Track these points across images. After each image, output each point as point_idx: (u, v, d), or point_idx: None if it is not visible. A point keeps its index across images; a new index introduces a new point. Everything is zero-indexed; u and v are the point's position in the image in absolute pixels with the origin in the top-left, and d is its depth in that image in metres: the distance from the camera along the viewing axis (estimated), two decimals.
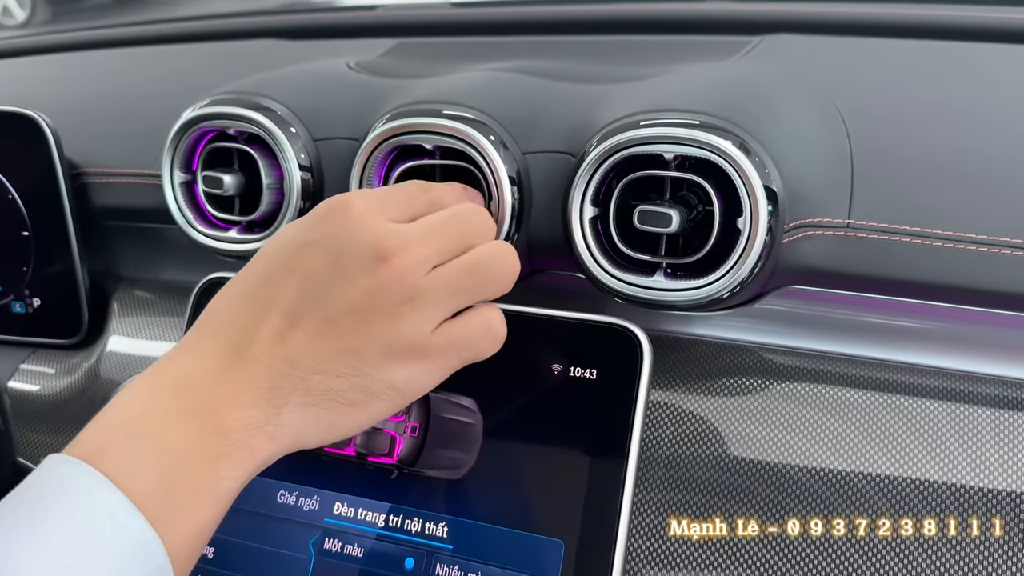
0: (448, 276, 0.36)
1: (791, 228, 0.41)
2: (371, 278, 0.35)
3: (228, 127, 0.50)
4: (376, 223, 0.36)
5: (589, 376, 0.42)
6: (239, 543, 0.45)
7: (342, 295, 0.35)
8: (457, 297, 0.36)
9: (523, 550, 0.40)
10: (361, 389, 0.35)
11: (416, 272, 0.35)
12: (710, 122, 0.40)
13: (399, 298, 0.35)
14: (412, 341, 0.35)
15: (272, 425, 0.34)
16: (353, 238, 0.35)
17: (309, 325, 0.35)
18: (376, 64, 0.59)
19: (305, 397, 0.34)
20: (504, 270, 0.38)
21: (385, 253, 0.35)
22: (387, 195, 0.38)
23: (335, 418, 0.35)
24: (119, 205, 0.58)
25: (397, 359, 0.35)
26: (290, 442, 0.35)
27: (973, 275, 0.40)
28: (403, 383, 0.36)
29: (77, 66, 0.78)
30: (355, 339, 0.35)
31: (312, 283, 0.35)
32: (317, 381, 0.34)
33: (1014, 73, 0.52)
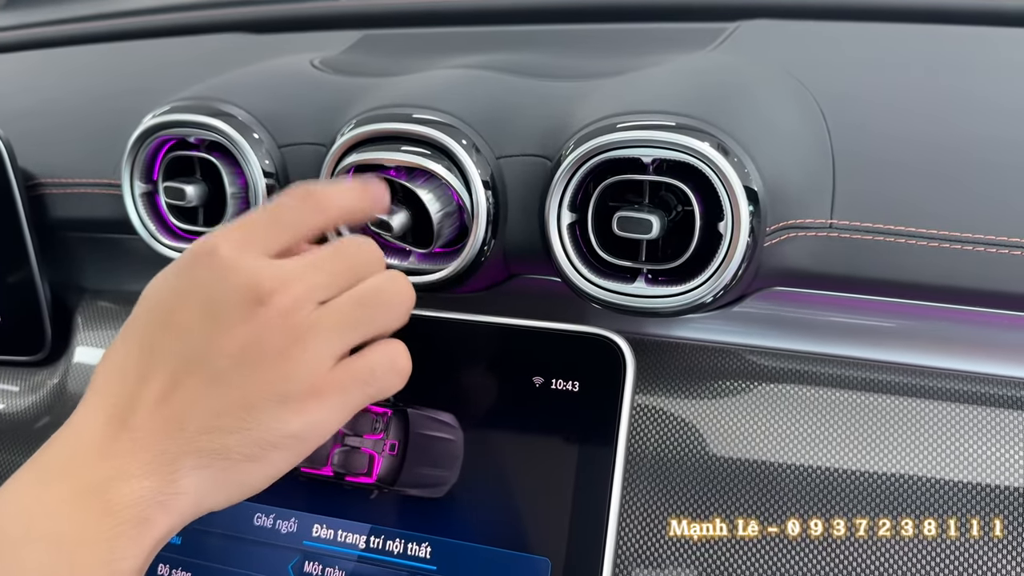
0: (338, 309, 0.34)
1: (773, 231, 0.40)
2: (250, 324, 0.33)
3: (188, 135, 0.48)
4: (246, 262, 0.33)
5: (572, 388, 0.41)
6: (216, 568, 0.44)
7: (222, 347, 0.32)
8: (351, 331, 0.34)
9: (509, 569, 0.39)
10: (257, 443, 0.32)
11: (300, 310, 0.33)
12: (686, 123, 0.39)
13: (286, 340, 0.33)
14: (308, 383, 0.33)
15: (166, 495, 0.32)
16: (224, 283, 0.33)
17: (193, 383, 0.32)
18: (342, 61, 0.57)
19: (198, 459, 0.32)
20: (399, 299, 0.36)
21: (260, 295, 0.33)
22: (256, 225, 0.35)
23: (234, 477, 0.33)
24: (78, 216, 0.56)
25: (295, 405, 0.33)
26: (191, 510, 0.33)
27: (957, 274, 0.40)
28: (303, 430, 0.33)
29: (29, 66, 0.75)
30: (245, 391, 0.32)
31: (190, 338, 0.33)
32: (208, 440, 0.32)
33: (1003, 58, 0.51)
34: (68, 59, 0.74)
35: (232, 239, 0.35)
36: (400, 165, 0.42)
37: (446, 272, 0.43)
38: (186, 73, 0.59)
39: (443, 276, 0.43)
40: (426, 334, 0.44)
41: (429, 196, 0.42)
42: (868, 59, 0.53)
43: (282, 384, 0.33)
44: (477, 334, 0.43)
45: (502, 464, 0.41)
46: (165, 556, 0.45)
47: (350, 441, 0.43)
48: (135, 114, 0.50)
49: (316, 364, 0.33)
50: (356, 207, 0.39)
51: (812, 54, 0.54)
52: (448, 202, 0.43)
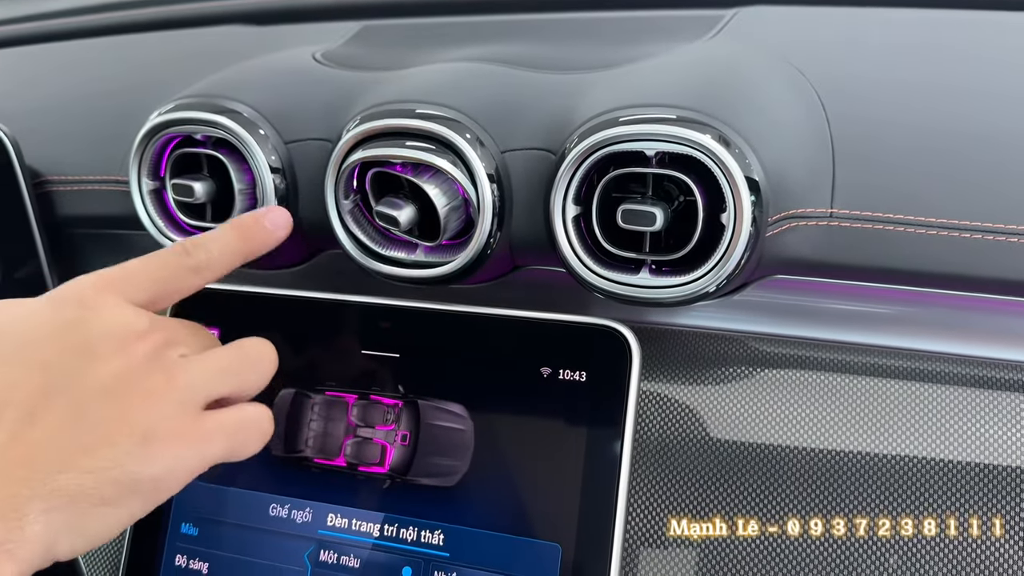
0: (213, 357, 0.35)
1: (775, 221, 0.41)
2: (125, 357, 0.32)
3: (194, 132, 0.48)
4: (121, 307, 0.34)
5: (579, 378, 0.41)
6: (233, 558, 0.45)
7: (92, 378, 0.32)
8: (222, 380, 0.34)
9: (520, 555, 0.40)
10: (115, 484, 0.31)
11: (173, 351, 0.34)
12: (688, 116, 0.40)
13: (157, 378, 0.33)
14: (173, 425, 0.32)
15: (13, 542, 0.29)
16: (98, 319, 0.33)
17: (52, 419, 0.31)
18: (344, 55, 0.57)
19: (49, 502, 0.30)
20: (266, 359, 0.36)
21: (138, 332, 0.33)
22: (131, 273, 0.36)
23: (86, 521, 0.31)
24: (86, 213, 0.57)
25: (158, 446, 0.32)
26: (39, 557, 0.30)
27: (956, 262, 0.40)
28: (162, 472, 0.32)
29: (32, 62, 0.75)
30: (108, 428, 0.31)
31: (55, 371, 0.32)
32: (63, 481, 0.30)
33: (1004, 44, 0.52)
34: (69, 54, 0.74)
35: (97, 285, 0.35)
36: (406, 160, 0.43)
37: (453, 265, 0.44)
38: (189, 67, 0.59)
39: (450, 269, 0.44)
40: (435, 327, 0.45)
41: (435, 191, 0.43)
42: (867, 46, 0.53)
43: (145, 422, 0.32)
44: (485, 326, 0.44)
45: (512, 453, 0.42)
46: (182, 547, 0.46)
47: (362, 432, 0.44)
48: (140, 111, 0.50)
49: (183, 406, 0.33)
50: (238, 257, 0.39)
51: (810, 41, 0.54)
52: (454, 196, 0.43)
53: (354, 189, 0.45)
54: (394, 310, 0.46)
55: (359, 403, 0.45)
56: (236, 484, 0.46)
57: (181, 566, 0.46)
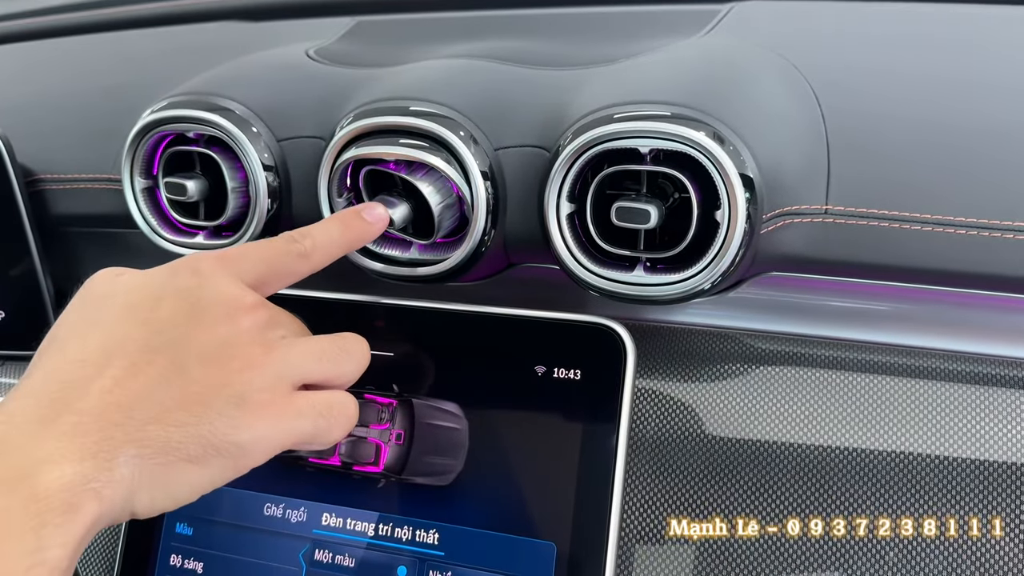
0: (313, 342, 0.36)
1: (770, 217, 0.41)
2: (231, 325, 0.34)
3: (187, 130, 0.48)
4: (232, 282, 0.35)
5: (573, 376, 0.41)
6: (227, 557, 0.45)
7: (197, 340, 0.33)
8: (317, 363, 0.36)
9: (515, 554, 0.40)
10: (202, 442, 0.32)
11: (275, 330, 0.35)
12: (682, 113, 0.40)
13: (258, 349, 0.34)
14: (266, 395, 0.33)
15: (100, 482, 0.30)
16: (210, 290, 0.35)
17: (153, 372, 0.33)
18: (337, 51, 0.57)
19: (140, 449, 0.31)
20: (361, 353, 0.38)
21: (246, 305, 0.35)
22: (245, 253, 0.38)
23: (171, 475, 0.32)
24: (79, 212, 0.56)
25: (249, 412, 0.33)
26: (120, 503, 0.31)
27: (951, 258, 0.40)
28: (250, 440, 0.33)
29: (24, 59, 0.75)
30: (205, 388, 0.33)
31: (164, 328, 0.34)
32: (155, 431, 0.32)
33: (999, 37, 0.52)
34: (62, 51, 0.74)
35: (212, 258, 0.37)
36: (399, 158, 0.43)
37: (447, 263, 0.44)
38: (182, 64, 0.59)
39: (444, 267, 0.44)
40: (430, 325, 0.45)
41: (429, 189, 0.43)
42: (861, 40, 0.53)
43: (242, 387, 0.33)
44: (479, 325, 0.44)
45: (507, 451, 0.42)
46: (176, 547, 0.46)
47: (357, 431, 0.44)
48: (133, 108, 0.50)
49: (278, 380, 0.34)
50: (340, 247, 0.41)
51: (805, 36, 0.54)
52: (448, 194, 0.43)
53: (347, 187, 0.45)
54: (388, 308, 0.46)
55: None
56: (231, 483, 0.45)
57: (176, 566, 0.46)
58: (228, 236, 0.49)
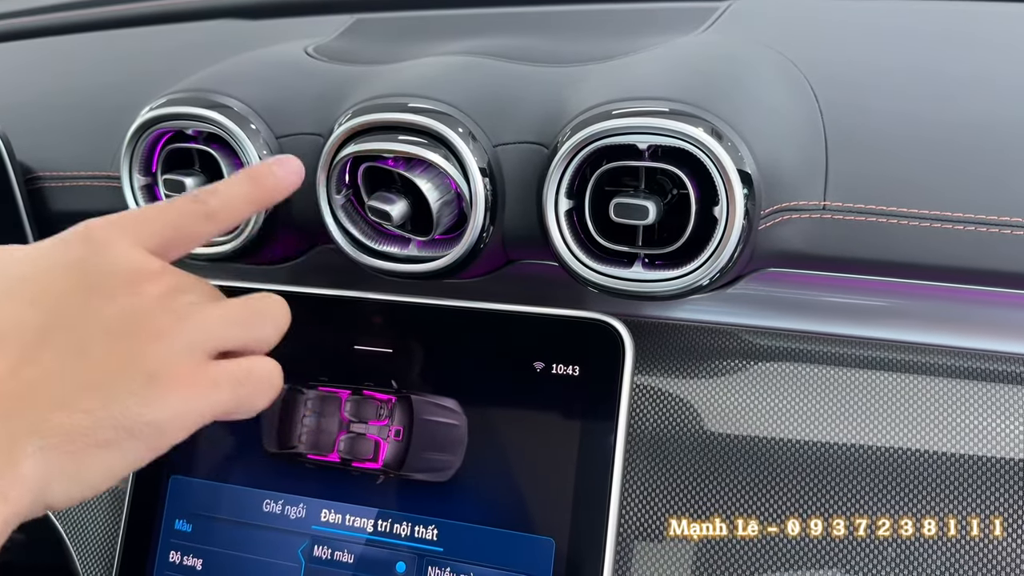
0: (225, 305, 0.33)
1: (768, 214, 0.41)
2: (133, 295, 0.31)
3: (186, 127, 0.48)
4: (131, 248, 0.32)
5: (572, 372, 0.41)
6: (227, 554, 0.45)
7: (97, 315, 0.30)
8: (233, 328, 0.33)
9: (514, 549, 0.40)
10: (114, 425, 0.29)
11: (185, 295, 0.32)
12: (680, 109, 0.40)
13: (166, 319, 0.31)
14: (180, 368, 0.31)
15: (5, 481, 0.28)
16: (109, 258, 0.32)
17: (52, 356, 0.30)
18: (336, 49, 0.57)
19: (45, 440, 0.29)
20: (278, 313, 0.34)
21: (149, 273, 0.32)
22: (146, 216, 0.34)
23: (83, 464, 0.29)
24: (78, 209, 0.56)
25: (161, 389, 0.30)
26: (31, 500, 0.29)
27: (949, 254, 0.40)
28: (166, 419, 0.30)
29: (23, 57, 0.75)
30: (111, 367, 0.30)
31: (60, 307, 0.31)
32: (60, 419, 0.29)
33: (996, 34, 0.52)
34: (61, 49, 0.74)
35: (106, 223, 0.33)
36: (398, 155, 0.43)
37: (446, 259, 0.44)
38: (181, 62, 0.59)
39: (443, 263, 0.44)
40: (428, 321, 0.45)
41: (428, 185, 0.43)
42: (860, 36, 0.53)
43: (152, 362, 0.30)
44: (478, 321, 0.44)
45: (505, 448, 0.42)
46: (176, 543, 0.46)
47: (355, 428, 0.44)
48: (132, 106, 0.50)
49: (191, 350, 0.31)
50: (250, 204, 0.37)
51: (803, 32, 0.54)
52: (446, 190, 0.43)
53: (346, 184, 0.45)
54: (387, 305, 0.46)
55: (352, 398, 0.45)
56: (230, 480, 0.46)
57: (175, 562, 0.46)
58: (227, 232, 0.49)
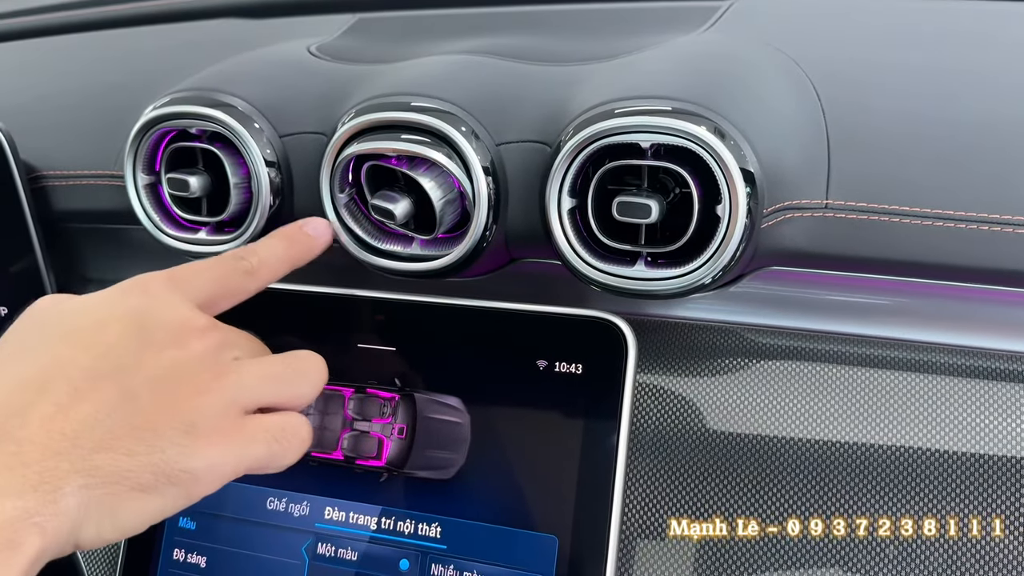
0: (266, 363, 0.35)
1: (770, 212, 0.41)
2: (181, 349, 0.33)
3: (189, 126, 0.48)
4: (182, 303, 0.35)
5: (575, 370, 0.42)
6: (231, 551, 0.45)
7: (146, 364, 0.33)
8: (271, 385, 0.35)
9: (517, 547, 0.41)
10: (154, 471, 0.31)
11: (228, 352, 0.34)
12: (683, 108, 0.40)
13: (211, 373, 0.33)
14: (217, 421, 0.33)
15: (44, 515, 0.29)
16: (161, 312, 0.34)
17: (99, 398, 0.31)
18: (339, 48, 0.57)
19: (87, 479, 0.30)
20: (316, 372, 0.37)
21: (196, 328, 0.34)
22: (192, 272, 0.37)
23: (119, 505, 0.31)
24: (82, 208, 0.56)
25: (201, 439, 0.32)
26: (64, 537, 0.30)
27: (951, 252, 0.40)
28: (203, 468, 0.32)
29: (27, 57, 0.75)
30: (154, 414, 0.32)
31: (110, 352, 0.33)
32: (104, 460, 0.31)
33: (999, 33, 0.52)
34: (64, 49, 0.74)
35: (161, 279, 0.37)
36: (401, 154, 0.43)
37: (449, 258, 0.44)
38: (183, 61, 0.59)
39: (446, 262, 0.44)
40: (431, 320, 0.45)
41: (431, 184, 0.43)
42: (862, 36, 0.53)
43: (192, 414, 0.32)
44: (481, 319, 0.44)
45: (508, 445, 0.42)
46: (180, 541, 0.46)
47: (359, 426, 0.44)
48: (135, 105, 0.50)
49: (230, 405, 0.33)
50: (286, 263, 0.41)
51: (806, 30, 0.54)
52: (449, 189, 0.43)
53: (349, 182, 0.45)
54: (390, 304, 0.46)
55: (356, 396, 0.45)
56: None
57: (179, 560, 0.46)
58: (230, 232, 0.49)
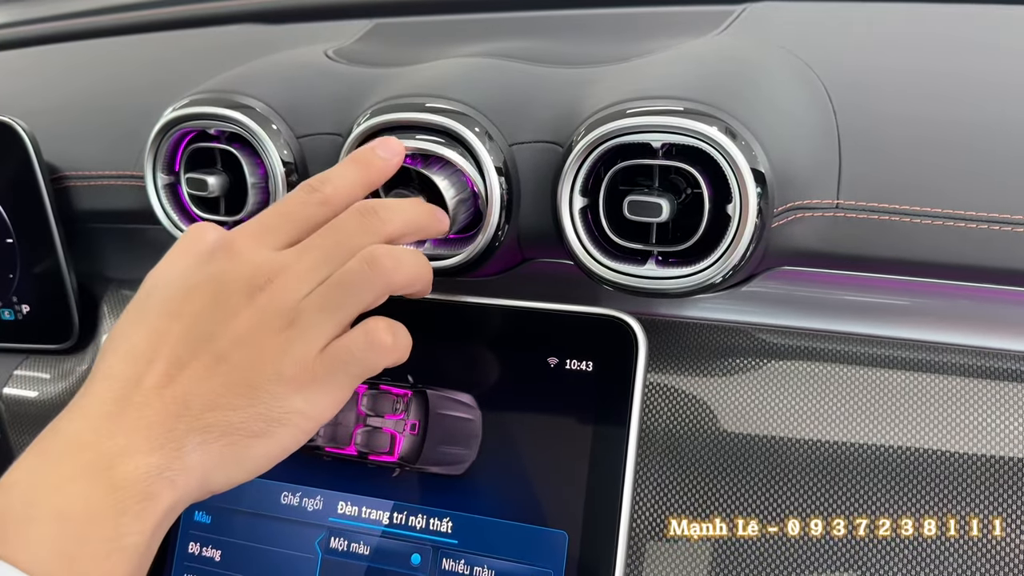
0: (321, 293, 0.36)
1: (781, 212, 0.41)
2: (252, 308, 0.35)
3: (208, 127, 0.49)
4: (257, 255, 0.36)
5: (585, 368, 0.42)
6: (245, 545, 0.45)
7: (228, 329, 0.35)
8: (333, 313, 0.36)
9: (528, 542, 0.41)
10: (263, 418, 0.34)
11: (294, 295, 0.35)
12: (694, 108, 0.40)
13: (281, 323, 0.35)
14: (300, 365, 0.35)
15: (173, 470, 0.32)
16: (233, 273, 0.36)
17: (198, 366, 0.34)
18: (355, 51, 0.58)
19: (204, 435, 0.33)
20: (376, 274, 0.36)
21: (262, 282, 0.35)
22: (268, 220, 0.38)
23: (241, 453, 0.34)
24: (103, 208, 0.58)
25: (291, 384, 0.34)
26: (196, 486, 0.33)
27: (962, 252, 0.40)
28: (305, 406, 0.35)
29: (50, 61, 0.76)
30: (246, 371, 0.34)
31: (197, 324, 0.35)
32: (214, 418, 0.33)
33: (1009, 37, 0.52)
34: (87, 53, 0.75)
35: (246, 232, 0.38)
36: (415, 152, 0.44)
37: (462, 257, 0.44)
38: (202, 66, 0.60)
39: (459, 261, 0.44)
40: (444, 318, 0.45)
41: (444, 183, 0.43)
42: (874, 39, 0.53)
43: (278, 363, 0.34)
44: (493, 317, 0.44)
45: (519, 442, 0.42)
46: (195, 535, 0.47)
47: (372, 422, 0.45)
48: (155, 108, 0.51)
49: (306, 347, 0.35)
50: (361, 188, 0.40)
51: (818, 35, 0.54)
52: (463, 188, 0.44)
53: None
54: (403, 301, 0.46)
55: (369, 393, 0.45)
56: None
57: (194, 553, 0.47)
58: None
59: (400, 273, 0.37)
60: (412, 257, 0.38)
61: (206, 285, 0.36)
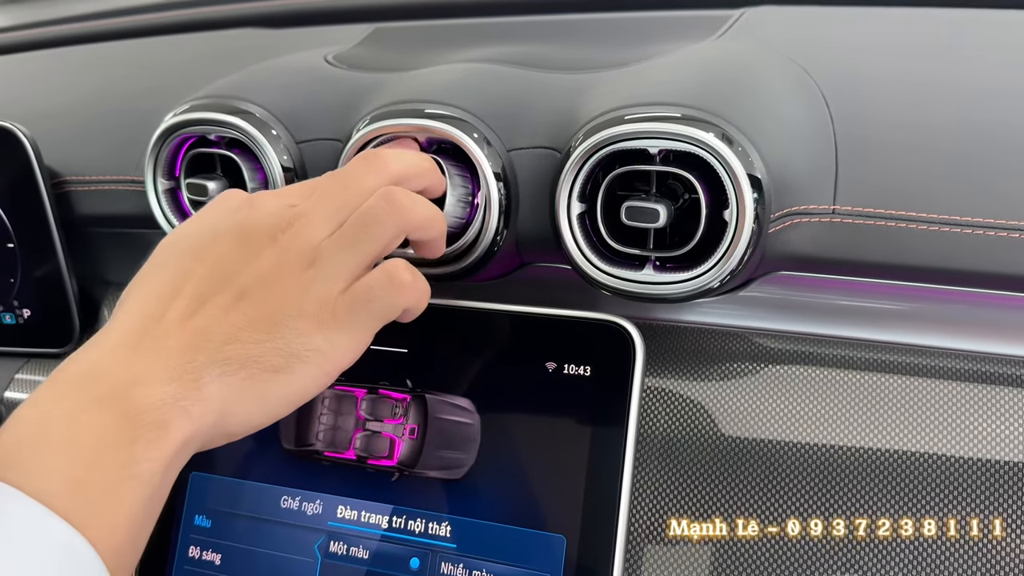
0: (342, 233, 0.37)
1: (778, 217, 0.42)
2: (274, 248, 0.36)
3: (208, 132, 0.49)
4: (278, 205, 0.38)
5: (583, 373, 0.42)
6: (245, 549, 0.46)
7: (250, 268, 0.36)
8: (354, 251, 0.36)
9: (526, 546, 0.41)
10: (281, 353, 0.34)
11: (316, 235, 0.36)
12: (691, 114, 0.40)
13: (303, 262, 0.36)
14: (321, 303, 0.35)
15: (189, 400, 0.32)
16: (256, 220, 0.37)
17: (220, 300, 0.35)
18: (355, 56, 0.58)
19: (223, 367, 0.33)
20: (392, 213, 0.37)
21: (284, 224, 0.37)
22: (290, 186, 0.40)
23: (261, 388, 0.34)
24: (103, 212, 0.58)
25: (311, 321, 0.35)
26: (212, 421, 0.33)
27: (958, 257, 0.41)
28: (325, 344, 0.35)
29: (51, 66, 0.77)
30: (268, 306, 0.35)
31: (221, 264, 0.36)
32: (234, 350, 0.34)
33: (1007, 42, 0.52)
34: (87, 58, 0.76)
35: (270, 192, 0.40)
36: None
37: (461, 262, 0.45)
38: (203, 70, 0.61)
39: (458, 266, 0.45)
40: (443, 323, 0.46)
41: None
42: (871, 45, 0.53)
43: (299, 300, 0.35)
44: (491, 321, 0.45)
45: (518, 446, 0.42)
46: (195, 539, 0.47)
47: (371, 426, 0.45)
48: (156, 113, 0.51)
49: (327, 285, 0.36)
50: None
51: (816, 41, 0.55)
52: (464, 190, 0.44)
53: None
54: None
55: (368, 397, 0.46)
56: (248, 477, 0.47)
57: (194, 557, 0.47)
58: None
59: (416, 212, 0.38)
60: (425, 201, 0.39)
61: (230, 231, 0.37)
